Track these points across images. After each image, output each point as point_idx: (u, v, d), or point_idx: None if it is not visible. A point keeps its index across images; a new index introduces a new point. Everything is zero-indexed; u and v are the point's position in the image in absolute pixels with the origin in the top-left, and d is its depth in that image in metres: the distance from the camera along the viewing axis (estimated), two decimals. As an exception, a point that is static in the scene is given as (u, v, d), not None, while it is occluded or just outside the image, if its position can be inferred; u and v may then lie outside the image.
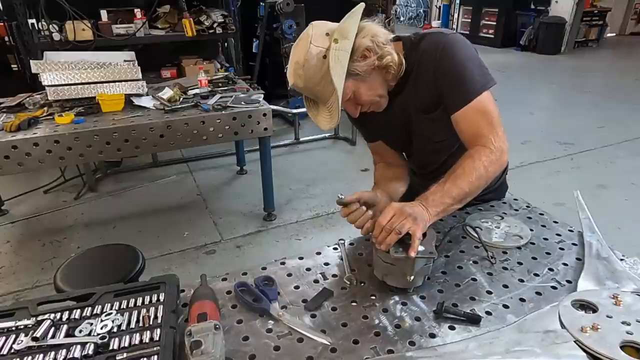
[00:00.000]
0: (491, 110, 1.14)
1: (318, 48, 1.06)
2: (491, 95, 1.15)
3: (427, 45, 1.16)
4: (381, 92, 1.19)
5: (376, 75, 1.15)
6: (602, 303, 0.93)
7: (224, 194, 3.88)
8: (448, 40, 1.14)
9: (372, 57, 1.11)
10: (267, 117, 2.89)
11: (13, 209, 3.50)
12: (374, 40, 1.10)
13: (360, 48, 1.09)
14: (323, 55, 1.06)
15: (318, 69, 1.07)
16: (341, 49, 1.06)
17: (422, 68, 1.17)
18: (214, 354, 0.77)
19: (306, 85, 1.11)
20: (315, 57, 1.06)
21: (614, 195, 3.68)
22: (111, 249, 1.92)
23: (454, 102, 1.15)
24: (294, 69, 1.10)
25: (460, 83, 1.13)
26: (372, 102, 1.20)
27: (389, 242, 0.98)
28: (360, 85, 1.14)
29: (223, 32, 4.42)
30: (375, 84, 1.16)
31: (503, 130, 1.14)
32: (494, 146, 1.11)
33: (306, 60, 1.07)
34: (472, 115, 1.13)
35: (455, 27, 11.94)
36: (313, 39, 1.07)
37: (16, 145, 2.38)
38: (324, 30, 1.09)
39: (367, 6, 1.17)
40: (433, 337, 0.90)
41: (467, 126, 1.15)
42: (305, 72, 1.08)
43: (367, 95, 1.16)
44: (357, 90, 1.14)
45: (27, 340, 0.83)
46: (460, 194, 1.07)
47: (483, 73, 1.15)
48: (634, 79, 7.59)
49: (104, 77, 2.84)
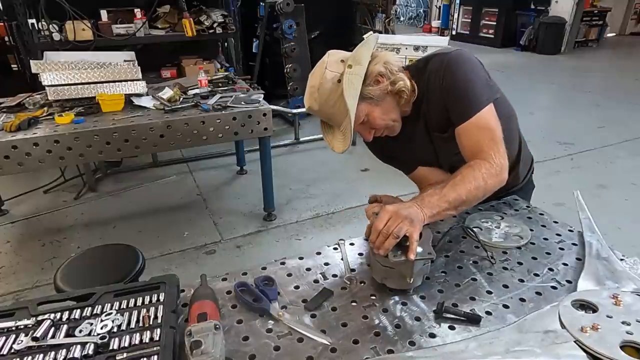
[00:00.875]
0: (493, 126, 1.15)
1: (333, 73, 1.12)
2: (494, 110, 1.16)
3: (432, 67, 1.19)
4: (394, 117, 1.22)
5: (389, 100, 1.18)
6: (602, 303, 0.93)
7: (224, 194, 3.88)
8: (451, 57, 1.16)
9: (385, 82, 1.15)
10: (267, 117, 2.89)
11: (13, 209, 3.50)
12: (387, 67, 1.15)
13: (373, 73, 1.13)
14: (337, 79, 1.11)
15: (333, 92, 1.12)
16: (355, 73, 1.11)
17: (431, 90, 1.20)
18: (214, 354, 0.77)
19: (321, 108, 1.15)
20: (330, 81, 1.12)
21: (614, 195, 3.68)
22: (111, 249, 1.92)
23: (456, 118, 1.17)
24: (309, 92, 1.15)
25: (461, 99, 1.15)
26: (386, 126, 1.22)
27: (387, 246, 0.98)
28: (374, 109, 1.17)
29: (223, 32, 4.42)
30: (389, 108, 1.19)
31: (504, 148, 1.15)
32: (495, 162, 1.12)
33: (321, 84, 1.12)
34: (474, 131, 1.15)
35: (455, 27, 11.96)
36: (328, 65, 1.13)
37: (16, 145, 2.38)
38: (339, 57, 1.15)
39: (367, 6, 1.19)
40: (433, 337, 0.90)
41: (468, 141, 1.16)
42: (320, 95, 1.13)
43: (381, 119, 1.19)
44: (370, 114, 1.17)
45: (27, 340, 0.83)
46: (456, 200, 1.07)
47: (486, 87, 1.17)
48: (634, 79, 7.59)
49: (104, 77, 2.84)
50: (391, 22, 5.75)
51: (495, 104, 1.17)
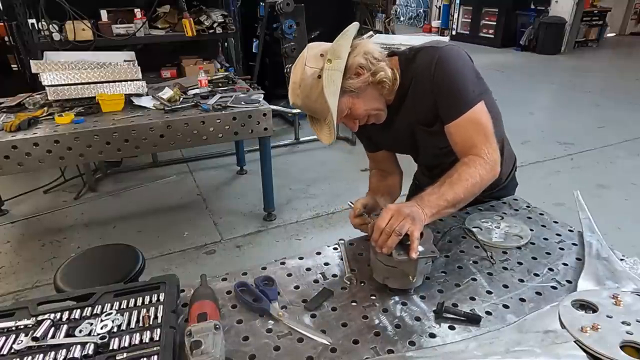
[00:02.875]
0: (484, 122, 1.15)
1: (312, 69, 1.11)
2: (485, 106, 1.16)
3: (422, 60, 1.18)
4: (378, 106, 1.22)
5: (371, 90, 1.18)
6: (602, 303, 0.93)
7: (224, 194, 3.88)
8: (442, 52, 1.15)
9: (365, 74, 1.14)
10: (267, 117, 2.89)
11: (13, 209, 3.50)
12: (367, 57, 1.13)
13: (353, 66, 1.12)
14: (317, 75, 1.10)
15: (314, 88, 1.11)
16: (334, 68, 1.10)
17: (419, 82, 1.19)
18: (214, 354, 0.77)
19: (304, 103, 1.15)
20: (310, 77, 1.11)
21: (614, 195, 3.68)
22: (111, 249, 1.92)
23: (447, 114, 1.17)
24: (292, 88, 1.15)
25: (453, 95, 1.14)
26: (370, 115, 1.22)
27: (390, 244, 0.97)
28: (356, 101, 1.16)
29: (223, 32, 4.42)
30: (371, 98, 1.19)
31: (496, 142, 1.16)
32: (488, 157, 1.13)
33: (302, 80, 1.11)
34: (466, 127, 1.15)
35: (455, 27, 11.95)
36: (307, 61, 1.11)
37: (16, 145, 2.38)
38: (318, 51, 1.13)
39: (367, 6, 1.19)
40: (433, 337, 0.90)
41: (460, 137, 1.17)
42: (302, 92, 1.13)
43: (364, 110, 1.19)
44: (353, 106, 1.17)
45: (27, 340, 0.83)
46: (455, 199, 1.08)
47: (477, 84, 1.16)
48: (634, 79, 7.59)
49: (104, 77, 2.84)
50: (391, 22, 5.75)
51: (485, 102, 1.17)
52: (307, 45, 1.17)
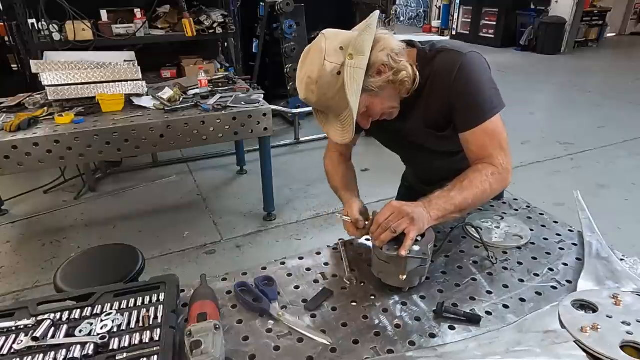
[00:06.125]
0: (501, 133, 1.14)
1: (332, 64, 1.02)
2: (501, 117, 1.15)
3: (442, 63, 1.14)
4: (394, 104, 1.18)
5: (390, 89, 1.12)
6: (602, 303, 0.93)
7: (224, 194, 3.88)
8: (466, 60, 1.11)
9: (387, 72, 1.08)
10: (267, 117, 2.89)
11: (13, 209, 3.50)
12: (390, 55, 1.07)
13: (376, 64, 1.06)
14: (337, 71, 1.02)
15: (332, 85, 1.03)
16: (356, 66, 1.02)
17: (436, 85, 1.16)
18: (214, 354, 0.77)
19: (319, 100, 1.07)
20: (329, 75, 1.02)
21: (614, 195, 3.68)
22: (111, 249, 1.92)
23: (465, 122, 1.15)
24: (306, 83, 1.05)
25: (473, 104, 1.12)
26: (384, 113, 1.19)
27: (383, 239, 1.00)
28: (374, 99, 1.11)
29: (223, 32, 4.41)
30: (389, 97, 1.14)
31: (510, 153, 1.15)
32: (502, 166, 1.12)
33: (320, 77, 1.02)
34: (482, 136, 1.14)
35: (455, 27, 11.95)
36: (327, 55, 1.02)
37: (16, 145, 2.38)
38: (337, 43, 1.04)
39: (367, 6, 1.16)
40: (433, 337, 0.90)
41: (476, 146, 1.15)
42: (318, 89, 1.04)
43: (380, 109, 1.15)
44: (370, 105, 1.12)
45: (27, 340, 0.83)
46: (463, 204, 1.08)
47: (496, 95, 1.15)
48: (634, 79, 7.58)
49: (104, 77, 2.84)
50: (391, 22, 5.75)
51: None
52: (321, 32, 1.07)
